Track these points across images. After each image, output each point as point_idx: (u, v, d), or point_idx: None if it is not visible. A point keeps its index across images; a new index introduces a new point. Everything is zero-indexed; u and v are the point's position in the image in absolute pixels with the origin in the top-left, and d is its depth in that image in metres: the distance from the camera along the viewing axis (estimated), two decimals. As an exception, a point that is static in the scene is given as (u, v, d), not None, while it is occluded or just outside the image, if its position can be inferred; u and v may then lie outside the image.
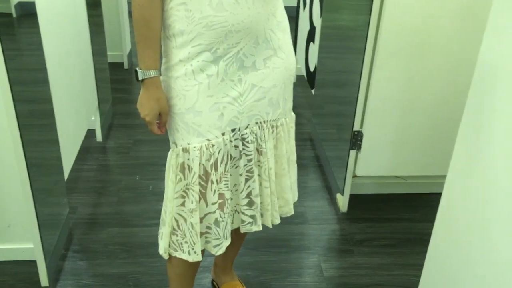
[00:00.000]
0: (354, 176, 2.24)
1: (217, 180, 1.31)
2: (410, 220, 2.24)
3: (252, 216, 1.42)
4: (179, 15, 1.21)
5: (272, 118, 1.36)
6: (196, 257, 1.39)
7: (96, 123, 2.72)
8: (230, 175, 1.35)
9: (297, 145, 1.49)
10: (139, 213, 2.21)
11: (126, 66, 3.74)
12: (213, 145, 1.28)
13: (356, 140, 2.14)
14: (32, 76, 1.79)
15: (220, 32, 1.20)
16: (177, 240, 1.39)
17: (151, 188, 2.37)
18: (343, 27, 2.51)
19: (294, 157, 1.51)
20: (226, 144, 1.30)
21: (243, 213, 1.42)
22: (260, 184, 1.41)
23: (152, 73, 1.25)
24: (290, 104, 1.43)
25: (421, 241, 2.10)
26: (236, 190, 1.40)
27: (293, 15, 3.35)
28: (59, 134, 1.94)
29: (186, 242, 1.38)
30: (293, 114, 1.47)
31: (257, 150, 1.36)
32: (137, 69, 1.26)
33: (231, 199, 1.39)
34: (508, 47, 1.09)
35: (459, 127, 1.29)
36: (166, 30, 1.25)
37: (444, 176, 1.38)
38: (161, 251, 1.43)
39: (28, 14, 1.74)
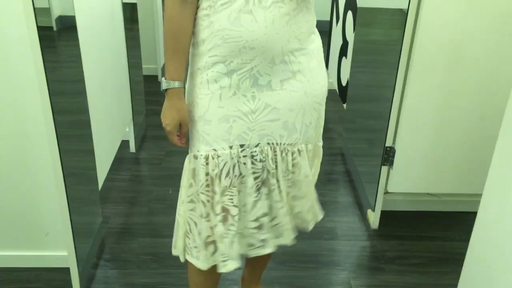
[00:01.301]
0: (386, 192, 2.21)
1: (221, 192, 1.30)
2: (443, 239, 2.19)
3: (263, 240, 1.40)
4: (203, 24, 1.24)
5: (287, 142, 1.33)
6: (200, 264, 1.38)
7: (130, 134, 2.77)
8: (239, 192, 1.33)
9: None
10: (169, 224, 2.21)
11: (160, 79, 3.82)
12: (218, 156, 1.28)
13: (388, 156, 2.11)
14: (71, 87, 1.85)
15: (234, 47, 1.21)
16: (188, 243, 1.40)
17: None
18: (376, 42, 2.50)
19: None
20: (232, 158, 1.29)
21: (251, 236, 1.39)
22: (272, 207, 1.38)
23: (176, 84, 1.27)
24: (313, 132, 1.39)
25: (454, 261, 2.05)
26: (245, 211, 1.36)
27: (325, 30, 3.36)
28: (95, 145, 1.98)
29: (195, 247, 1.38)
30: (320, 143, 1.45)
31: (268, 171, 1.34)
32: (163, 78, 1.29)
33: (239, 219, 1.36)
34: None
35: (496, 145, 1.26)
36: (194, 37, 1.28)
37: (479, 195, 1.35)
38: (175, 252, 1.45)
39: (68, 27, 1.80)
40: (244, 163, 1.30)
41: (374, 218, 2.22)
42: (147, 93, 3.25)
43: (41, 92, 1.50)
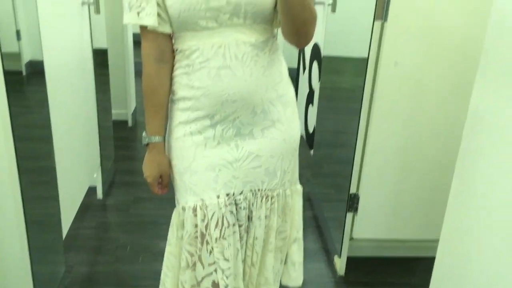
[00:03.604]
0: (351, 238, 2.23)
1: (212, 243, 1.31)
2: (408, 285, 2.20)
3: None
4: (182, 82, 1.28)
5: (268, 187, 1.36)
6: None
7: (97, 180, 2.74)
8: (229, 245, 1.33)
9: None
10: (135, 273, 2.18)
11: (130, 124, 3.82)
12: (207, 206, 1.30)
13: (352, 203, 2.15)
14: (37, 133, 1.84)
15: (217, 101, 1.25)
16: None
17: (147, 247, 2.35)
18: (340, 89, 2.58)
19: (297, 234, 1.49)
20: (221, 208, 1.30)
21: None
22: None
23: (157, 139, 1.32)
24: (290, 176, 1.42)
25: (420, 306, 2.06)
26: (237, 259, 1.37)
27: (293, 78, 3.46)
28: (60, 191, 1.96)
29: None
30: (299, 186, 1.47)
31: (248, 217, 1.37)
32: (144, 133, 1.34)
33: (230, 274, 1.35)
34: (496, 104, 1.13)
35: (450, 190, 1.31)
36: (172, 94, 1.33)
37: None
38: None
39: (38, 72, 1.81)
40: (230, 211, 1.32)
41: (340, 264, 2.23)
42: (117, 138, 3.24)
43: (6, 139, 1.49)
